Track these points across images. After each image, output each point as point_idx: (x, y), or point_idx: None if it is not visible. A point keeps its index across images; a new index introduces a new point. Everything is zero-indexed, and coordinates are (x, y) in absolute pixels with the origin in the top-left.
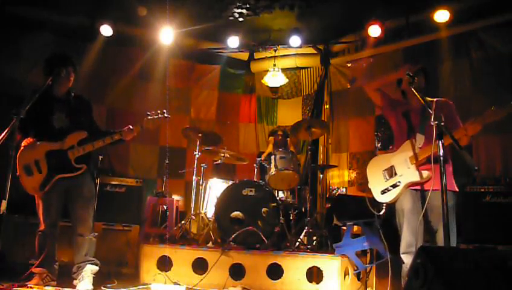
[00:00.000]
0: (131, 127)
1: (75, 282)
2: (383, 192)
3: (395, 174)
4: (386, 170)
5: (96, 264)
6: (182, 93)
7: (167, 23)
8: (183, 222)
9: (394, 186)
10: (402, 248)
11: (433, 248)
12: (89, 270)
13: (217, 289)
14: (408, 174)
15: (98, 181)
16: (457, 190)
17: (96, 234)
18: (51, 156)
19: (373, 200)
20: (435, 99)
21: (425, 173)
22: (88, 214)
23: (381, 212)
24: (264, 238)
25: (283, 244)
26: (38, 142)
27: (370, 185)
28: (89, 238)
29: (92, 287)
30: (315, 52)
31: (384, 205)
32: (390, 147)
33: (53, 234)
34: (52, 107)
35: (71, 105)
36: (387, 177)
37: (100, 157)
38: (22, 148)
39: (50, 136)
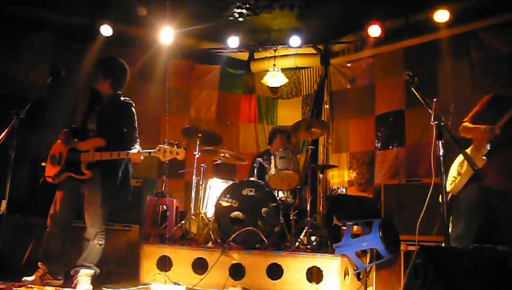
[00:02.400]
0: (140, 150)
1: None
2: (451, 182)
3: (462, 166)
4: (461, 161)
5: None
6: (181, 93)
7: (167, 23)
8: (183, 222)
9: (459, 174)
10: (452, 236)
11: (433, 248)
12: (84, 274)
13: (217, 289)
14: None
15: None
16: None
17: (100, 242)
18: (71, 153)
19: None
20: None
21: (484, 160)
22: (90, 220)
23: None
24: (264, 238)
25: (283, 244)
26: (70, 138)
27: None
28: (93, 243)
29: (91, 287)
30: (315, 52)
31: (450, 194)
32: (390, 147)
33: (55, 231)
34: (93, 108)
35: (105, 110)
36: (458, 169)
37: None
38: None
39: (79, 134)
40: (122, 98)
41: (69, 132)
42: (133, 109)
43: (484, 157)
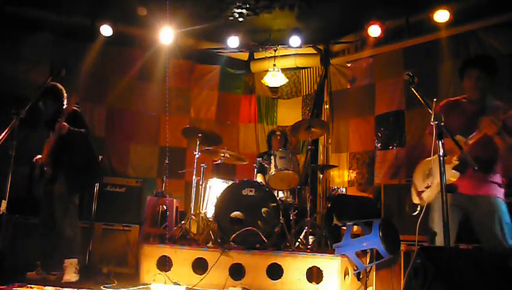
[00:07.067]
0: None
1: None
2: (419, 194)
3: (431, 175)
4: (426, 171)
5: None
6: (182, 93)
7: (167, 23)
8: (183, 222)
9: (427, 187)
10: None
11: (433, 248)
12: (68, 263)
13: (217, 289)
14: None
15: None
16: (500, 197)
17: (72, 232)
18: (39, 165)
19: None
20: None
21: (456, 174)
22: (58, 211)
23: (415, 213)
24: (264, 238)
25: (283, 244)
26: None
27: (412, 187)
28: (65, 234)
29: (77, 275)
30: (315, 52)
31: (419, 206)
32: (390, 147)
33: (43, 232)
34: (52, 128)
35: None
36: (425, 179)
37: (100, 157)
38: None
39: None
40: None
41: None
42: (77, 112)
43: (454, 171)
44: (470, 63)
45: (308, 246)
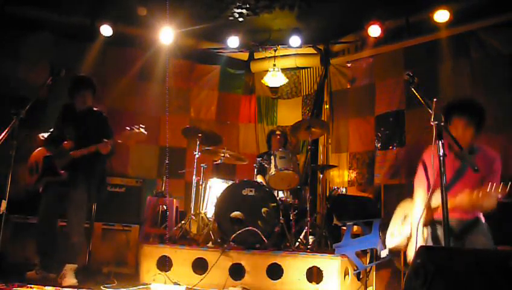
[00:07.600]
0: (105, 140)
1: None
2: (392, 234)
3: (405, 222)
4: (405, 215)
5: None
6: (182, 93)
7: (167, 23)
8: (183, 222)
9: (400, 232)
10: None
11: (433, 248)
12: (68, 268)
13: (217, 289)
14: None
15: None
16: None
17: (81, 239)
18: (47, 160)
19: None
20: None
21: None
22: (72, 217)
23: (383, 256)
24: (264, 238)
25: (283, 244)
26: (42, 148)
27: (390, 226)
28: (73, 239)
29: (75, 280)
30: (315, 52)
31: (388, 250)
32: (390, 147)
33: (44, 231)
34: (70, 120)
35: (84, 120)
36: (400, 223)
37: None
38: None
39: (57, 144)
40: (94, 109)
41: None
42: (104, 115)
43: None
44: (457, 110)
45: (308, 246)
